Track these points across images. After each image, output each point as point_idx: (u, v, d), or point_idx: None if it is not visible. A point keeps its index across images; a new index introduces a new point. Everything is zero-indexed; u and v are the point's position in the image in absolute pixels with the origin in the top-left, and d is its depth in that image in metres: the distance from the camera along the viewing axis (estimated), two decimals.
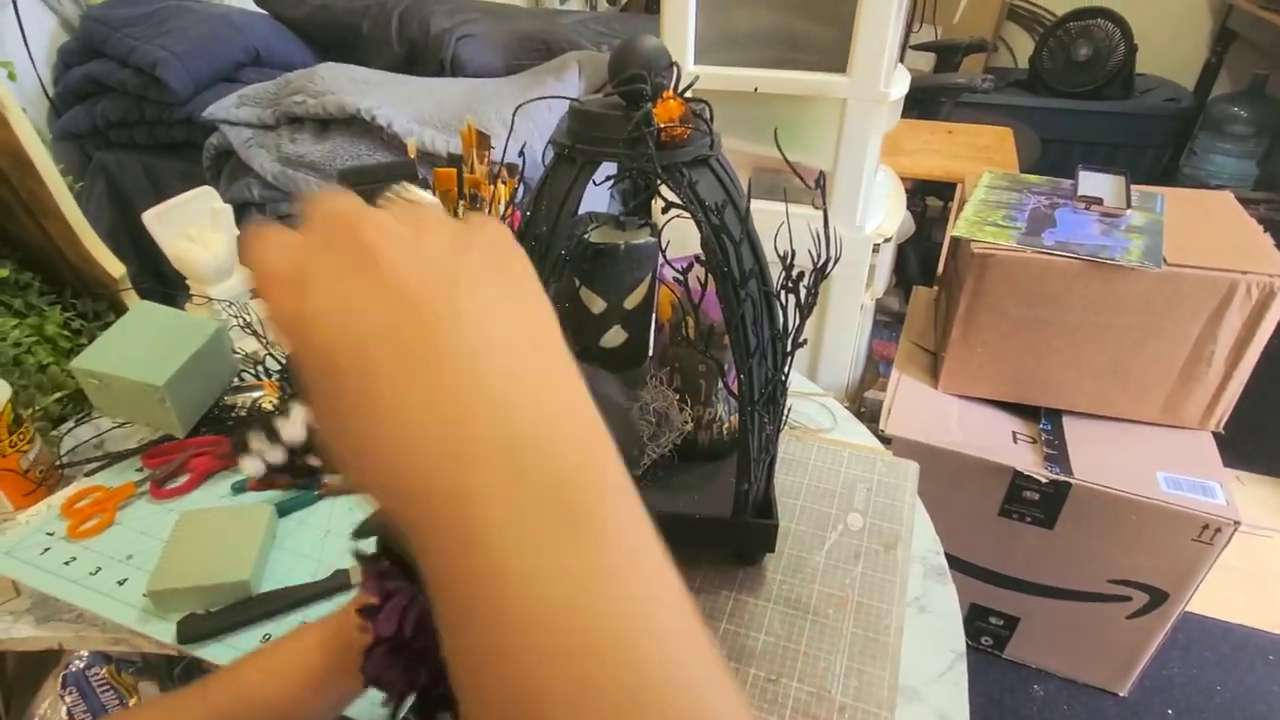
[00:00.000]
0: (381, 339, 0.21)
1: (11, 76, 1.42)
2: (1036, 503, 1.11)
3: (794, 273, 0.50)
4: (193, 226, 0.86)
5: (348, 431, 0.22)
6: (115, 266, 0.87)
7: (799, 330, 0.52)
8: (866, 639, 0.57)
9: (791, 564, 0.64)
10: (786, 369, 0.54)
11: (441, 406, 0.21)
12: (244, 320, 0.87)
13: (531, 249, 0.52)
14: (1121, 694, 1.27)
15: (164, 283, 1.34)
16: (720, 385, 0.66)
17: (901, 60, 1.30)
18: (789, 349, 0.53)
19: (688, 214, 0.50)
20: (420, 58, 1.66)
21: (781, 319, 0.53)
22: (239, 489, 0.72)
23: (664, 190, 0.51)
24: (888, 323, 2.06)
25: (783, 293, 0.52)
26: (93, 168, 1.62)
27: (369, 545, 0.34)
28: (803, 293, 0.51)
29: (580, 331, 0.62)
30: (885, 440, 1.13)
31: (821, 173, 0.49)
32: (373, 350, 0.21)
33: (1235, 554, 1.12)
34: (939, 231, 2.16)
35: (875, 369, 1.67)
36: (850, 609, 0.59)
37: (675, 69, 0.51)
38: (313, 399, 0.22)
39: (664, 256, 0.58)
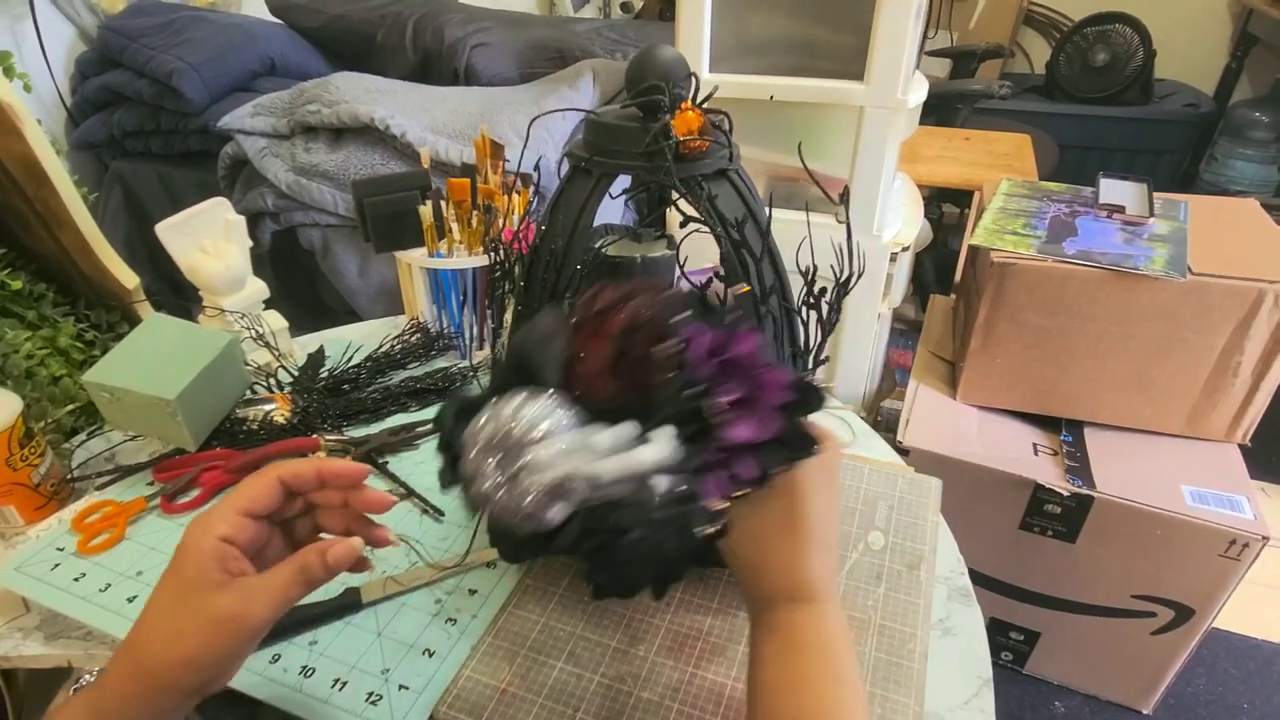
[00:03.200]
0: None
1: (27, 88, 1.43)
2: (1058, 516, 1.09)
3: (815, 288, 0.49)
4: (206, 238, 0.86)
5: (769, 544, 0.41)
6: (129, 278, 0.87)
7: (820, 347, 0.51)
8: (890, 664, 0.55)
9: None
10: None
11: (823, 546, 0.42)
12: (256, 332, 0.86)
13: (547, 263, 0.52)
14: (1145, 711, 1.24)
15: (179, 293, 1.35)
16: None
17: (918, 66, 1.28)
18: (810, 366, 0.52)
19: (706, 228, 0.48)
20: (434, 67, 1.66)
21: (802, 336, 0.52)
22: None
23: (682, 204, 0.49)
24: (903, 330, 2.04)
25: (804, 309, 0.50)
26: (109, 177, 1.63)
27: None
28: (824, 309, 0.50)
29: None
30: (903, 452, 1.11)
31: (846, 187, 0.48)
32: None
33: (1263, 569, 1.09)
34: (956, 239, 2.13)
35: (892, 377, 1.65)
36: (873, 632, 0.58)
37: (694, 80, 0.50)
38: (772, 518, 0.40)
39: (681, 270, 0.57)
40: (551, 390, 0.38)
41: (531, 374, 0.38)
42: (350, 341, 0.95)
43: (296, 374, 0.87)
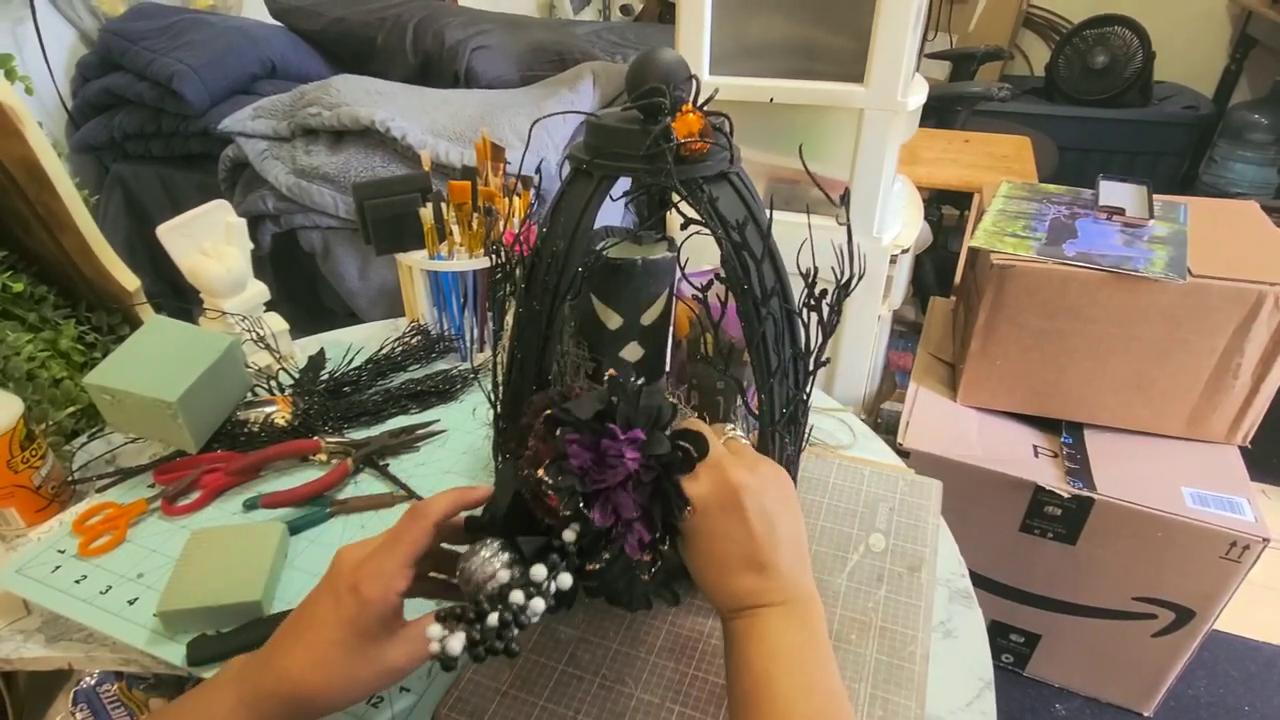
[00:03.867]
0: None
1: (29, 91, 1.43)
2: (1058, 518, 1.09)
3: (816, 290, 0.49)
4: (207, 240, 0.86)
5: (699, 575, 0.45)
6: (130, 280, 0.87)
7: (821, 349, 0.51)
8: (891, 666, 0.55)
9: None
10: (808, 389, 0.53)
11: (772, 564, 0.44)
12: (257, 334, 0.86)
13: (548, 265, 0.52)
14: (1146, 714, 1.24)
15: (180, 295, 1.35)
16: (739, 403, 0.65)
17: (917, 69, 1.28)
18: (811, 368, 0.52)
19: (707, 230, 0.49)
20: (435, 69, 1.66)
21: (803, 337, 0.52)
22: (250, 506, 0.71)
23: (683, 206, 0.50)
24: (903, 332, 2.04)
25: (804, 310, 0.51)
26: (110, 180, 1.63)
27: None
28: (825, 311, 0.50)
29: (596, 347, 0.61)
30: (903, 454, 1.11)
31: (846, 189, 0.48)
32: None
33: (1264, 571, 1.09)
34: (955, 241, 2.14)
35: (892, 379, 1.65)
36: (874, 634, 0.58)
37: (694, 82, 0.50)
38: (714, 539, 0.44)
39: (682, 272, 0.57)
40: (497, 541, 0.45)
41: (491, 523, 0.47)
42: (351, 344, 0.95)
43: (297, 376, 0.87)
